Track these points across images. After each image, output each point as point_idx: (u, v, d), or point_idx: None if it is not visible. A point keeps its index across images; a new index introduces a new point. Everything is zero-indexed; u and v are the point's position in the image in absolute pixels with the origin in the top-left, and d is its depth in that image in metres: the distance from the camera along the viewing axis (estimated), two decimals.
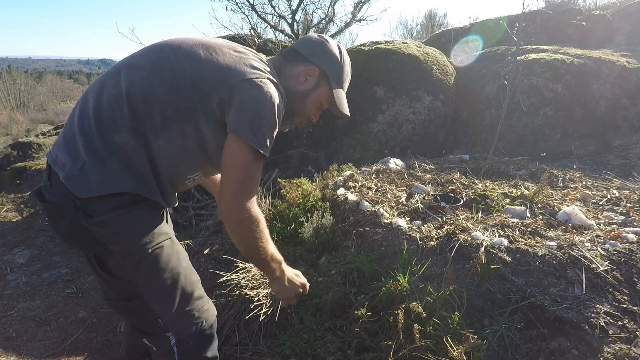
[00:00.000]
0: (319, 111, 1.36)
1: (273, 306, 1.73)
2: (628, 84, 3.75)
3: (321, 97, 1.31)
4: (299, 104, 1.28)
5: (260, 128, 1.09)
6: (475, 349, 1.27)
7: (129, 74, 1.13)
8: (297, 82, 1.27)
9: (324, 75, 1.29)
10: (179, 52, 1.15)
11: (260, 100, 1.08)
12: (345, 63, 1.33)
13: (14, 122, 15.22)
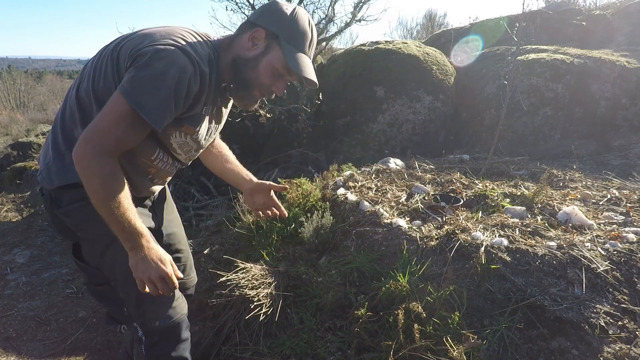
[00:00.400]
0: (279, 80, 1.21)
1: (273, 306, 1.73)
2: (628, 84, 3.74)
3: (273, 61, 1.17)
4: (251, 73, 1.18)
5: (145, 88, 1.02)
6: (475, 349, 1.27)
7: (82, 71, 1.20)
8: (246, 49, 1.18)
9: (273, 35, 1.16)
10: (119, 38, 1.16)
11: (155, 65, 1.02)
12: (298, 19, 1.17)
13: (14, 122, 15.22)
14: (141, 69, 1.02)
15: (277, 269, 1.88)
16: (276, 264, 1.94)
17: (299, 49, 1.17)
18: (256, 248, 2.20)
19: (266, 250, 2.11)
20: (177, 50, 1.05)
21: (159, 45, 1.04)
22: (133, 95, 1.01)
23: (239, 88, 1.22)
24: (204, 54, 1.12)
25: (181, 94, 1.06)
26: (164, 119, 1.07)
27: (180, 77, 1.03)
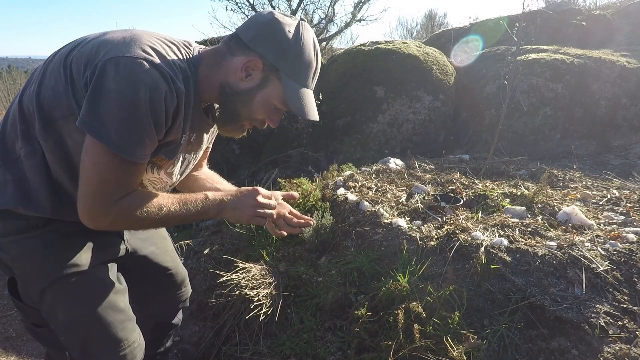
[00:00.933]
0: (275, 114, 1.07)
1: (273, 306, 1.73)
2: (628, 84, 3.75)
3: (271, 97, 1.02)
4: (242, 107, 1.02)
5: (116, 122, 0.85)
6: (475, 349, 1.27)
7: (29, 77, 1.02)
8: (238, 79, 1.00)
9: (272, 68, 1.00)
10: (72, 43, 0.97)
11: (119, 86, 0.83)
12: (303, 46, 1.01)
13: None
14: (100, 92, 0.83)
15: (277, 269, 1.88)
16: (276, 264, 1.94)
17: (302, 85, 1.03)
18: (256, 248, 2.20)
19: (266, 250, 2.11)
20: (143, 63, 0.86)
21: (121, 58, 0.85)
22: (106, 136, 0.85)
23: (226, 119, 1.06)
24: (179, 68, 0.94)
25: (160, 117, 0.89)
26: (148, 152, 0.94)
27: (153, 97, 0.86)
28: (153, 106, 0.86)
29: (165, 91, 0.88)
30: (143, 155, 0.92)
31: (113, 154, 0.87)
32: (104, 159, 0.88)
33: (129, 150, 0.88)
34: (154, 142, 0.93)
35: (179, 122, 0.97)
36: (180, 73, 0.94)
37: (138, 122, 0.86)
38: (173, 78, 0.90)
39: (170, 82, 0.89)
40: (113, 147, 0.86)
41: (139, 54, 0.87)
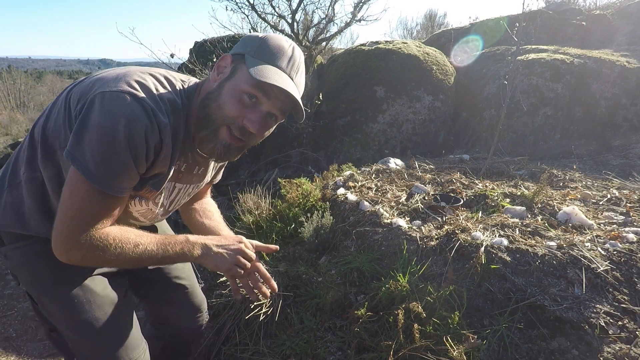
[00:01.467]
0: (252, 110, 0.96)
1: (273, 306, 1.73)
2: (628, 83, 3.75)
3: (239, 83, 0.94)
4: (213, 103, 0.95)
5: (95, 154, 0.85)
6: (475, 349, 1.27)
7: (44, 109, 1.05)
8: (212, 81, 0.98)
9: (239, 56, 0.97)
10: (77, 80, 1.02)
11: (101, 119, 0.84)
12: (271, 36, 0.99)
13: (14, 122, 15.22)
14: (85, 125, 0.85)
15: (277, 269, 1.88)
16: (276, 264, 1.94)
17: (268, 62, 0.95)
18: None
19: None
20: (126, 96, 0.86)
21: (107, 92, 0.86)
22: (85, 167, 0.85)
23: (199, 127, 0.98)
24: (166, 101, 0.93)
25: (139, 151, 0.88)
26: (126, 185, 0.92)
27: (132, 130, 0.85)
28: (132, 139, 0.86)
29: (145, 125, 0.87)
30: (121, 188, 0.91)
31: (90, 185, 0.87)
32: (81, 189, 0.88)
33: (106, 182, 0.88)
34: (132, 175, 0.92)
35: (164, 155, 0.95)
36: (168, 105, 0.93)
37: (116, 155, 0.86)
38: (155, 111, 0.89)
39: (152, 116, 0.88)
40: (91, 179, 0.86)
41: (124, 89, 0.87)
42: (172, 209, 1.21)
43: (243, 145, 1.01)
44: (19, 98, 23.76)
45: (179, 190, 1.15)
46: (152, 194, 1.04)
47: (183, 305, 1.41)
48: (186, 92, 1.00)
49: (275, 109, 0.98)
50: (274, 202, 2.51)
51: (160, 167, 0.98)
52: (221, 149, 0.98)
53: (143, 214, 1.12)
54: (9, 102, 22.78)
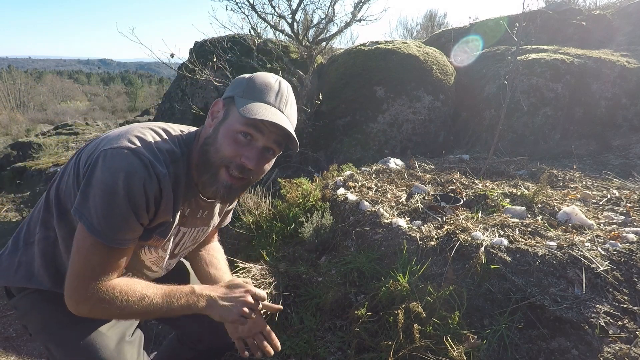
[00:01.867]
0: (248, 148, 0.99)
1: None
2: (628, 83, 3.75)
3: (232, 124, 0.97)
4: (211, 146, 0.98)
5: (97, 209, 0.90)
6: (475, 349, 1.27)
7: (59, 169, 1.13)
8: (208, 127, 1.03)
9: (229, 100, 1.01)
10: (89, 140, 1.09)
11: (102, 175, 0.89)
12: (257, 75, 1.03)
13: (14, 122, 15.23)
14: (90, 182, 0.90)
15: (277, 269, 1.88)
16: (276, 264, 1.94)
17: (256, 100, 0.98)
18: (256, 248, 2.20)
19: (266, 250, 2.11)
20: (125, 151, 0.91)
21: (109, 149, 0.91)
22: (90, 222, 0.90)
23: (200, 171, 1.01)
24: (164, 152, 0.97)
25: (139, 203, 0.92)
26: (129, 237, 0.96)
27: (130, 183, 0.89)
28: (131, 193, 0.90)
29: (143, 177, 0.91)
30: (124, 240, 0.95)
31: (94, 238, 0.91)
32: (87, 244, 0.92)
33: (108, 235, 0.92)
34: (134, 228, 0.95)
35: (165, 204, 0.98)
36: (167, 156, 0.97)
37: (117, 209, 0.90)
38: (153, 163, 0.93)
39: (150, 168, 0.92)
40: (94, 232, 0.91)
41: (123, 144, 0.92)
42: (178, 253, 1.23)
43: (245, 184, 1.04)
44: (19, 98, 23.76)
45: (183, 234, 1.17)
46: (160, 242, 1.07)
47: (212, 323, 1.44)
48: (185, 141, 1.04)
49: (270, 142, 1.00)
50: (274, 202, 2.51)
51: (164, 216, 1.01)
52: (223, 190, 1.01)
53: (155, 262, 1.16)
54: (9, 102, 22.78)
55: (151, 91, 33.13)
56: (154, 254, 1.12)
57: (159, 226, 1.03)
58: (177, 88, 5.30)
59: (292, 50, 4.92)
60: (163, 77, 44.06)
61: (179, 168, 1.00)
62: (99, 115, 20.35)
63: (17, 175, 8.13)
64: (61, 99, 29.83)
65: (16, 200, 5.96)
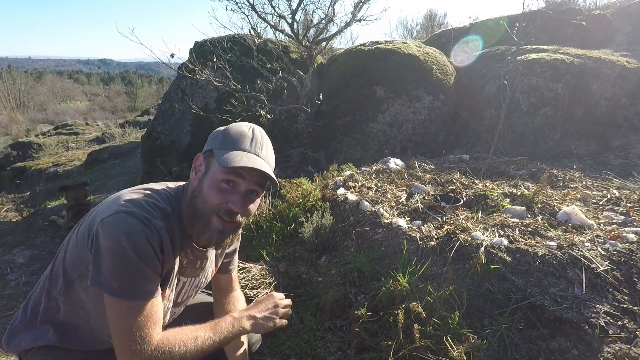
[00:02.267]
0: (232, 194, 1.07)
1: None
2: (628, 83, 3.75)
3: (214, 175, 1.06)
4: (199, 201, 1.06)
5: (115, 273, 0.96)
6: (475, 348, 1.27)
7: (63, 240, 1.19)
8: (193, 181, 1.11)
9: (209, 153, 1.09)
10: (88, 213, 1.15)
11: (108, 243, 0.96)
12: (231, 127, 1.12)
13: (14, 122, 15.23)
14: (98, 252, 0.97)
15: (277, 269, 1.88)
16: (276, 264, 1.94)
17: (234, 149, 1.06)
18: (256, 248, 2.20)
19: (266, 250, 2.11)
20: (121, 215, 0.98)
21: (106, 218, 0.98)
22: (111, 288, 0.96)
23: (192, 222, 1.09)
24: (156, 209, 1.04)
25: (148, 255, 0.98)
26: (152, 288, 1.01)
27: (135, 241, 0.96)
28: (138, 249, 0.96)
29: (143, 231, 0.98)
30: (149, 292, 1.00)
31: (124, 301, 0.97)
32: (120, 309, 0.97)
33: (133, 293, 0.97)
34: (152, 277, 1.01)
35: (167, 254, 1.05)
36: (159, 212, 1.04)
37: (130, 267, 0.96)
38: (149, 218, 1.00)
39: (147, 222, 0.99)
40: (120, 296, 0.96)
41: (118, 210, 0.99)
42: (181, 302, 1.29)
43: (236, 226, 1.12)
44: (19, 98, 23.76)
45: (184, 284, 1.24)
46: (162, 292, 1.13)
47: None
48: (174, 197, 1.12)
49: (252, 185, 1.08)
50: (274, 202, 2.51)
51: (168, 266, 1.08)
52: (217, 236, 1.08)
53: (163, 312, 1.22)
54: (9, 102, 22.77)
55: (151, 91, 33.12)
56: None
57: (166, 275, 1.09)
58: (177, 88, 5.30)
59: (292, 50, 4.93)
60: (163, 77, 44.04)
61: (172, 223, 1.08)
62: (99, 115, 20.34)
63: (17, 175, 8.14)
64: (61, 99, 29.83)
65: (16, 200, 5.96)
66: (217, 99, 4.78)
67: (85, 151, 9.35)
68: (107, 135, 10.97)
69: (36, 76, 41.66)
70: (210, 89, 4.75)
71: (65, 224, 4.12)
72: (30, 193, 6.38)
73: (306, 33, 4.57)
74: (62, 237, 3.97)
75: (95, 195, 5.80)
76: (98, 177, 7.09)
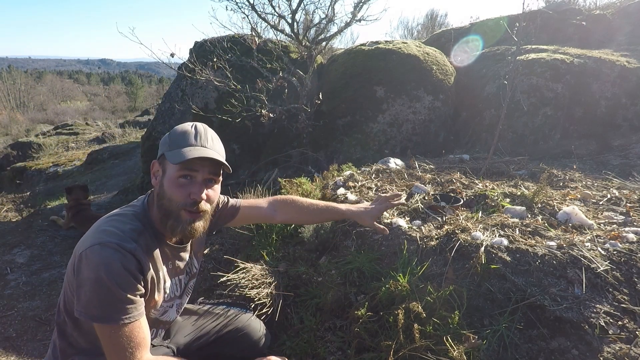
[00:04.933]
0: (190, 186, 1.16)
1: (273, 306, 1.73)
2: (628, 83, 3.74)
3: (171, 174, 1.15)
4: (163, 199, 1.16)
5: (99, 303, 1.03)
6: (475, 348, 1.27)
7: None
8: (156, 185, 1.20)
9: (162, 157, 1.19)
10: None
11: (88, 276, 1.03)
12: (175, 129, 1.21)
13: (14, 122, 15.24)
14: (79, 284, 1.05)
15: (277, 269, 1.88)
16: (276, 264, 1.94)
17: (181, 147, 1.15)
18: (256, 248, 2.20)
19: (266, 250, 2.11)
20: (95, 247, 1.05)
21: (82, 252, 1.06)
22: (93, 315, 1.03)
23: (165, 222, 1.17)
24: (128, 231, 1.12)
25: (126, 282, 1.05)
26: (134, 312, 1.07)
27: (112, 271, 1.03)
28: (113, 277, 1.03)
29: (119, 259, 1.05)
30: (129, 315, 1.06)
31: (107, 325, 1.04)
32: (104, 333, 1.05)
33: (113, 318, 1.04)
34: (133, 301, 1.07)
35: (149, 269, 1.13)
36: (131, 233, 1.11)
37: (109, 294, 1.03)
38: (120, 244, 1.06)
39: (120, 248, 1.06)
40: (104, 321, 1.04)
41: (92, 242, 1.06)
42: (184, 292, 1.38)
43: (202, 214, 1.20)
44: (19, 98, 23.76)
45: (181, 280, 1.34)
46: (160, 297, 1.22)
47: (242, 344, 1.54)
48: (141, 212, 1.20)
49: (207, 173, 1.17)
50: None
51: (153, 278, 1.16)
52: (188, 226, 1.17)
53: (164, 312, 1.31)
54: (9, 102, 22.77)
55: (151, 91, 33.12)
56: (160, 309, 1.26)
57: (151, 289, 1.17)
58: (177, 88, 5.30)
59: (292, 50, 4.92)
60: (163, 77, 44.01)
61: (146, 237, 1.15)
62: (99, 115, 20.35)
63: (17, 175, 8.14)
64: (61, 99, 29.83)
65: (16, 200, 5.96)
66: (217, 98, 4.78)
67: (85, 151, 9.36)
68: (107, 135, 10.98)
69: (36, 76, 41.67)
70: (210, 89, 4.75)
71: (65, 224, 4.12)
72: (30, 193, 6.38)
73: (306, 33, 4.57)
74: (62, 237, 3.98)
75: (95, 195, 5.80)
76: (98, 177, 7.09)
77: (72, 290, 1.10)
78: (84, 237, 1.14)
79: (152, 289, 1.18)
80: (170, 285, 1.27)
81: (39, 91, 28.03)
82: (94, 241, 1.07)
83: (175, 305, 1.35)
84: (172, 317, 1.36)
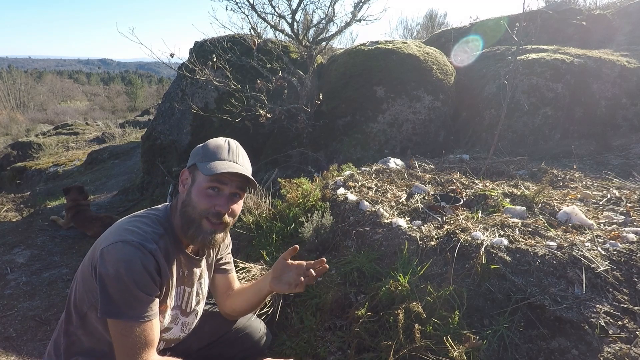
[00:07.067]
0: (217, 197, 1.20)
1: (273, 306, 1.73)
2: (628, 83, 3.75)
3: (200, 184, 1.19)
4: (190, 209, 1.19)
5: (117, 300, 1.06)
6: (476, 349, 1.27)
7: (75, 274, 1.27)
8: (183, 193, 1.23)
9: (193, 167, 1.23)
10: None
11: (109, 272, 1.06)
12: (209, 142, 1.25)
13: (14, 122, 15.24)
14: (101, 282, 1.07)
15: None
16: None
17: (214, 160, 1.20)
18: (256, 248, 2.20)
19: (266, 250, 2.11)
20: (117, 244, 1.08)
21: (104, 249, 1.09)
22: (114, 311, 1.06)
23: (185, 229, 1.20)
24: (150, 232, 1.15)
25: (144, 282, 1.08)
26: (149, 312, 1.10)
27: (132, 269, 1.06)
28: (133, 275, 1.06)
29: (139, 257, 1.08)
30: (143, 315, 1.09)
31: (120, 321, 1.07)
32: (116, 329, 1.08)
33: (127, 314, 1.07)
34: (148, 301, 1.10)
35: (166, 273, 1.16)
36: (153, 235, 1.15)
37: (126, 291, 1.06)
38: (143, 243, 1.10)
39: (142, 247, 1.09)
40: (116, 316, 1.07)
41: (115, 239, 1.09)
42: (190, 311, 1.37)
43: (224, 226, 1.24)
44: (19, 98, 23.77)
45: (189, 293, 1.34)
46: (164, 306, 1.23)
47: (244, 344, 1.55)
48: (164, 218, 1.23)
49: (234, 188, 1.21)
50: (274, 202, 2.51)
51: (167, 281, 1.19)
52: (209, 237, 1.20)
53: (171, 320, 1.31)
54: (9, 102, 22.78)
55: (151, 91, 33.12)
56: (164, 321, 1.27)
57: (165, 293, 1.20)
58: (177, 88, 5.30)
59: (292, 50, 4.92)
60: (163, 77, 44.01)
61: (166, 242, 1.18)
62: (99, 115, 20.35)
63: (17, 175, 8.14)
64: (61, 99, 29.85)
65: (16, 200, 5.96)
66: (217, 98, 4.78)
67: (85, 151, 9.36)
68: (107, 135, 10.98)
69: (36, 76, 41.68)
70: (210, 89, 4.75)
71: (65, 224, 4.12)
72: (30, 193, 6.38)
73: (306, 33, 4.57)
74: (62, 237, 3.98)
75: (95, 195, 5.80)
76: (98, 177, 7.09)
77: (90, 287, 1.12)
78: (105, 234, 1.16)
79: (166, 293, 1.21)
80: (175, 293, 1.28)
81: (39, 91, 28.02)
82: (116, 238, 1.10)
83: (180, 322, 1.35)
84: (176, 335, 1.36)
